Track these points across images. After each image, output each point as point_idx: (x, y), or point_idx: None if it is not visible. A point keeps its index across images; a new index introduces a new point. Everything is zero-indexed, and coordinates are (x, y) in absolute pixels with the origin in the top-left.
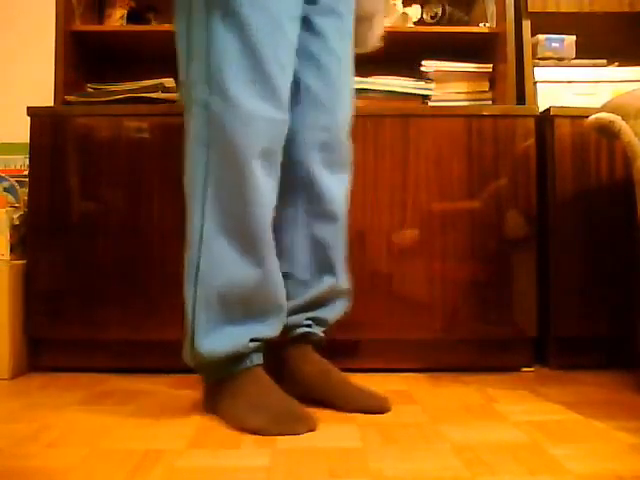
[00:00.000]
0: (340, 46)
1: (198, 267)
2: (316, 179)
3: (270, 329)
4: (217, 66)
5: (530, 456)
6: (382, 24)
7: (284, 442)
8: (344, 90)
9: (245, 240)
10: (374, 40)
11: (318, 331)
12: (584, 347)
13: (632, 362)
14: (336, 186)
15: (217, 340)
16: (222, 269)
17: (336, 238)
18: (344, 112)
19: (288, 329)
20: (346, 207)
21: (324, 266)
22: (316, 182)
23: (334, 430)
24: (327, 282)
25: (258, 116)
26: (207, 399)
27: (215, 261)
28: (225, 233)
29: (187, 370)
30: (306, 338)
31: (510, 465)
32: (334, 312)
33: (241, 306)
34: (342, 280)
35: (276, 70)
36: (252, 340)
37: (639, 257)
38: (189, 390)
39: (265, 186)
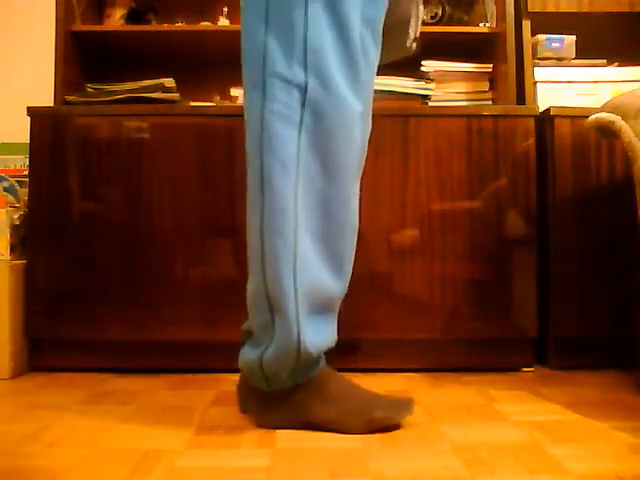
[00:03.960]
0: (374, 53)
1: (295, 257)
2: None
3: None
4: (316, 48)
5: (530, 456)
6: (418, 27)
7: (284, 442)
8: (372, 99)
9: (331, 245)
10: (410, 45)
11: None
12: (584, 347)
13: (632, 362)
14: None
15: (319, 334)
16: (309, 269)
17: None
18: (370, 122)
19: None
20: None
21: None
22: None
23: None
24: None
25: (355, 111)
26: (277, 410)
27: (305, 257)
28: (312, 232)
29: (187, 370)
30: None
31: (510, 465)
32: None
33: (326, 301)
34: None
35: (364, 65)
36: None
37: (639, 257)
38: (189, 390)
39: (356, 198)
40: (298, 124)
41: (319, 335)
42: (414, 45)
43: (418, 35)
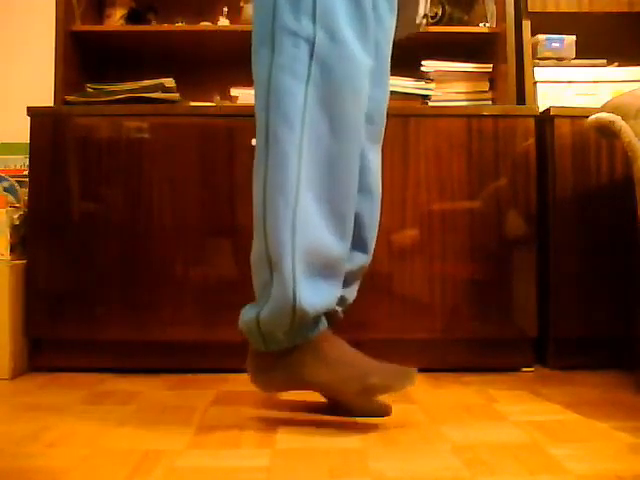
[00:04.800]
0: (390, 19)
1: (295, 214)
2: (363, 150)
3: (350, 292)
4: (325, 1)
5: (530, 456)
6: (426, 4)
7: (284, 442)
8: (388, 64)
9: (334, 205)
10: (419, 22)
11: (339, 310)
12: (584, 347)
13: (632, 362)
14: (375, 159)
15: (317, 294)
16: (309, 227)
17: (372, 214)
18: (388, 86)
19: None
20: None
21: (357, 242)
22: (363, 154)
23: (334, 430)
24: (358, 259)
25: (364, 65)
26: (273, 370)
27: (305, 215)
28: (315, 190)
29: (187, 370)
30: (332, 317)
31: (510, 465)
32: (353, 294)
33: (328, 262)
34: (369, 260)
35: (371, 16)
36: (338, 299)
37: (639, 257)
38: (189, 390)
39: (376, 160)
40: (306, 77)
41: (317, 295)
42: (423, 22)
43: (428, 12)
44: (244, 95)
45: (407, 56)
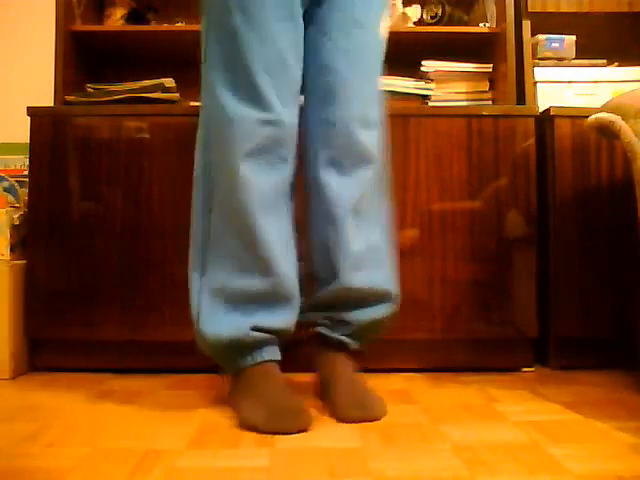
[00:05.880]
0: (345, 39)
1: (205, 258)
2: (320, 179)
3: (277, 320)
4: (210, 70)
5: (530, 456)
6: (385, 27)
7: (284, 442)
8: (354, 83)
9: (246, 251)
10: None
11: (336, 333)
12: (584, 347)
13: (632, 362)
14: (333, 184)
15: (220, 325)
16: (222, 273)
17: (337, 238)
18: (354, 106)
19: (306, 326)
20: (380, 200)
21: (324, 267)
22: (320, 182)
23: (334, 430)
24: (330, 285)
25: (240, 118)
26: (229, 392)
27: (217, 263)
28: (226, 247)
29: (187, 370)
30: (325, 339)
31: (510, 465)
32: (358, 317)
33: (245, 296)
34: (356, 283)
35: (262, 76)
36: (255, 329)
37: (639, 257)
38: (189, 390)
39: (259, 185)
40: (203, 143)
41: (220, 326)
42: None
43: (385, 34)
44: None
45: (407, 56)
